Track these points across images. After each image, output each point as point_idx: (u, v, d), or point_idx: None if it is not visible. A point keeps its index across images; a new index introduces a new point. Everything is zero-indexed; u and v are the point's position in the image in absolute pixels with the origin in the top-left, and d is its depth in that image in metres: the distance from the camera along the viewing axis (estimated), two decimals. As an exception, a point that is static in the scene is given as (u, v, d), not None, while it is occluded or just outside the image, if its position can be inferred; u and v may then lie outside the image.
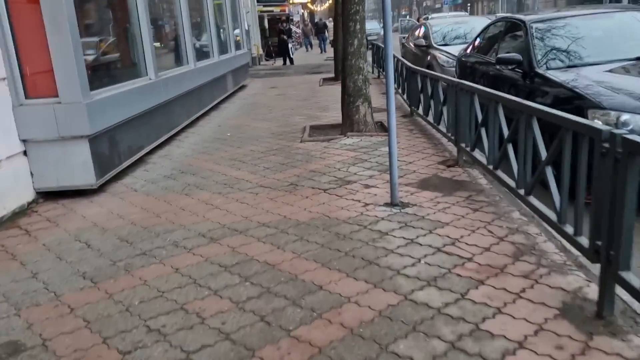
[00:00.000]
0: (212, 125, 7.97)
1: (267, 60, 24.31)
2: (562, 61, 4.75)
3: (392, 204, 3.96)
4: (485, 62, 6.20)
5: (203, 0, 9.55)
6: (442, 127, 5.76)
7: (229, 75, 10.93)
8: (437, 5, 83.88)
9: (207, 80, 8.74)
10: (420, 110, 6.96)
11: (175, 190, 4.70)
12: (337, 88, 11.21)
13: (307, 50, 28.99)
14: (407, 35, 15.61)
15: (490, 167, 3.98)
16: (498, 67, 5.52)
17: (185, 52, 7.88)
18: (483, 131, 4.21)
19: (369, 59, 13.02)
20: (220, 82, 10.04)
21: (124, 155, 5.19)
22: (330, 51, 31.65)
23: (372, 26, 32.58)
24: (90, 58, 5.04)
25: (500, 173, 3.84)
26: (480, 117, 4.26)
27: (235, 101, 10.65)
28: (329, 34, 30.00)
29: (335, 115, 7.97)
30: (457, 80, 4.89)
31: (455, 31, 10.39)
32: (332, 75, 13.67)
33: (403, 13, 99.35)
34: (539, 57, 4.83)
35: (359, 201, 4.10)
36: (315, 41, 31.66)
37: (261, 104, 9.93)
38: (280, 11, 25.24)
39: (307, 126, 7.16)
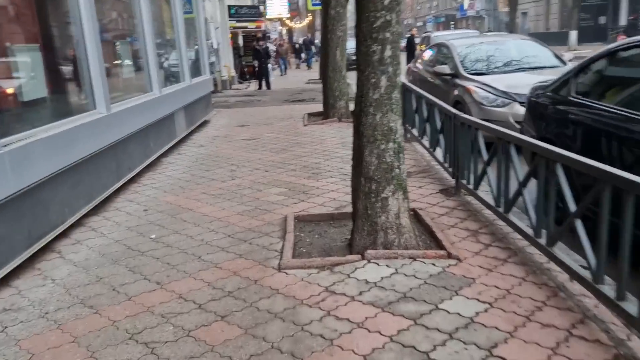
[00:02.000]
0: (134, 206, 4.92)
1: (240, 82, 21.36)
2: None
3: None
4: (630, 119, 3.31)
5: (135, 5, 6.53)
6: (566, 255, 2.85)
7: (180, 115, 7.92)
8: (419, 24, 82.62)
9: (137, 129, 5.72)
10: (486, 191, 4.07)
11: None
12: (327, 131, 8.41)
13: (282, 74, 24.52)
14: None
15: None
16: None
17: (90, 87, 4.85)
18: None
19: None
20: (164, 126, 7.02)
21: None
22: (316, 68, 28.73)
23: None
24: None
25: None
26: None
27: (188, 151, 7.63)
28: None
29: (333, 188, 5.04)
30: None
31: (493, 55, 7.61)
32: (318, 107, 10.78)
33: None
34: None
35: None
36: (294, 60, 28.89)
37: (222, 159, 6.92)
38: (256, 27, 22.40)
39: (291, 218, 4.18)
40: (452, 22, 63.77)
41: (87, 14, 4.63)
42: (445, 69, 7.75)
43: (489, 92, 6.64)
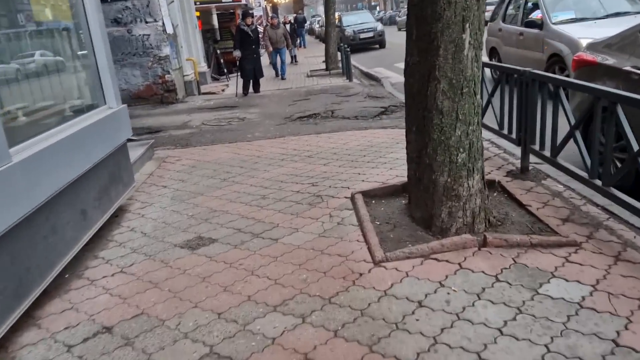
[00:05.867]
0: None
1: (215, 79, 15.25)
2: None
3: None
4: None
5: None
6: None
7: None
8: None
9: None
10: None
11: None
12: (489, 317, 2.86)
13: (277, 75, 14.29)
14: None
15: None
16: None
17: None
18: None
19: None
20: None
21: None
22: (314, 49, 21.97)
23: (364, 18, 23.77)
24: None
25: None
26: None
27: None
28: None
29: None
30: None
31: None
32: (359, 145, 4.93)
33: (373, 4, 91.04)
34: None
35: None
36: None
37: None
38: (234, 1, 16.22)
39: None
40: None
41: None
42: None
43: None
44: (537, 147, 4.05)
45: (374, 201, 3.92)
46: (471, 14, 2.94)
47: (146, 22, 10.39)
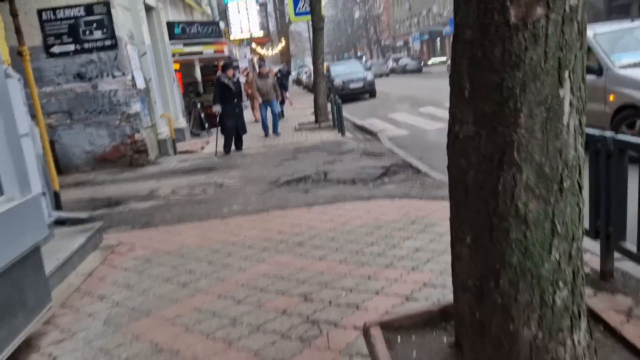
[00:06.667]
0: None
1: (195, 135, 14.07)
2: None
3: None
4: None
5: None
6: None
7: None
8: (399, 43, 76.69)
9: None
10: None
11: None
12: None
13: (266, 135, 12.36)
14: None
15: None
16: None
17: None
18: None
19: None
20: None
21: None
22: (301, 99, 20.77)
23: (353, 68, 23.06)
24: None
25: None
26: None
27: None
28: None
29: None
30: None
31: None
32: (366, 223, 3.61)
33: (359, 54, 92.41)
34: None
35: None
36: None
37: None
38: (216, 52, 15.27)
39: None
40: (439, 38, 57.81)
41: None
42: None
43: None
44: (632, 247, 2.76)
45: (399, 337, 2.57)
46: (572, 56, 1.72)
47: (113, 77, 9.25)
